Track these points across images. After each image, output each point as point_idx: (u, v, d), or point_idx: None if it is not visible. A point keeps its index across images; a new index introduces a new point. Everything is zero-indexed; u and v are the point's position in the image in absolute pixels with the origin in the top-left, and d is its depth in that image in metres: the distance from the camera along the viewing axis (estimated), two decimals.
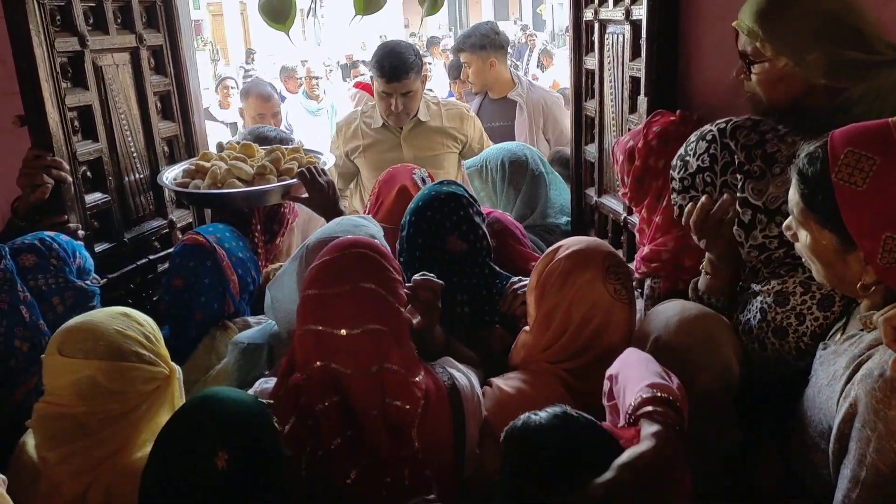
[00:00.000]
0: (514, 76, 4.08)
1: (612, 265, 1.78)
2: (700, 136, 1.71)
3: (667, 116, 2.01)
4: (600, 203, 2.66)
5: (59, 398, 1.54)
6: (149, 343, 1.60)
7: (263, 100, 4.20)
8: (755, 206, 1.61)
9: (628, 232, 2.44)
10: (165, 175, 2.65)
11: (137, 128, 2.68)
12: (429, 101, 3.47)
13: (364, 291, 1.55)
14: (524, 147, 2.82)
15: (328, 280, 1.56)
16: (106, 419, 1.53)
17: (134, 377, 1.55)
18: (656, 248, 1.97)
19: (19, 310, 1.88)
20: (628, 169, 2.02)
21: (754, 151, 1.62)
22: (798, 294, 1.59)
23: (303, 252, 1.89)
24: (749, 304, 1.69)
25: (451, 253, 2.07)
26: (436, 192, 2.14)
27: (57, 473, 1.51)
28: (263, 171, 2.52)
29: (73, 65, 2.37)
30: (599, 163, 2.65)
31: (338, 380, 1.51)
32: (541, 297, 1.80)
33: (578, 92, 2.76)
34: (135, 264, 2.60)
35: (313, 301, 1.56)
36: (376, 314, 1.55)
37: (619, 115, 2.42)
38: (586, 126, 2.76)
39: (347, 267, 1.57)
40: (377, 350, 1.53)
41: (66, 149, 2.30)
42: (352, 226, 1.96)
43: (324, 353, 1.52)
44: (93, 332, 1.55)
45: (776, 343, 1.60)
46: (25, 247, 1.98)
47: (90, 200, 2.44)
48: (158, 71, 2.80)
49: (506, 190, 2.63)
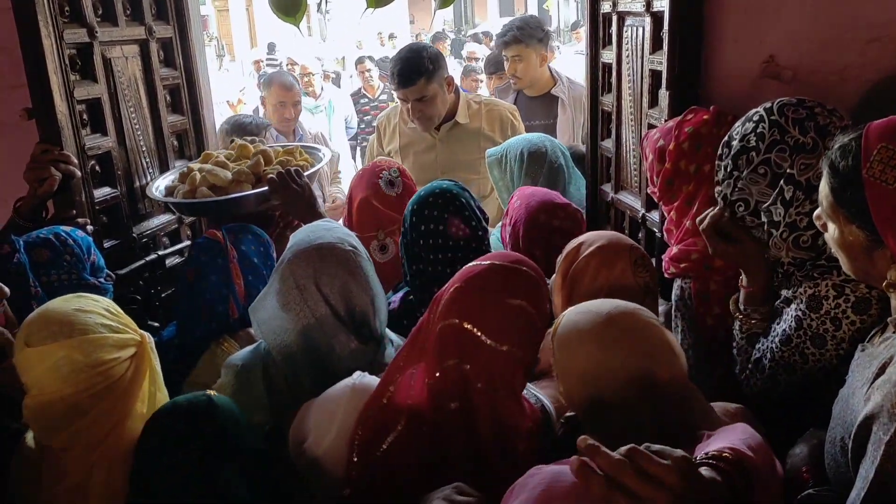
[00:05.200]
0: (553, 72, 3.97)
1: (639, 258, 1.75)
2: (746, 118, 1.66)
3: (700, 115, 1.93)
4: (617, 199, 2.61)
5: (42, 388, 1.51)
6: (111, 314, 1.58)
7: (286, 89, 4.18)
8: (798, 181, 1.55)
9: (646, 229, 2.40)
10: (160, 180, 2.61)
11: (146, 121, 2.64)
12: (470, 101, 3.37)
13: (520, 310, 1.46)
14: (546, 139, 2.74)
15: (491, 283, 1.48)
16: (95, 395, 1.51)
17: (108, 346, 1.53)
18: (686, 247, 1.91)
19: (30, 305, 1.85)
20: (658, 169, 1.96)
21: (807, 124, 1.56)
22: (831, 298, 1.54)
23: (281, 267, 1.79)
24: (783, 314, 1.65)
25: (454, 238, 2.05)
26: (437, 184, 2.17)
27: (62, 459, 1.50)
28: (239, 177, 2.47)
29: (81, 57, 2.34)
30: (616, 158, 2.60)
31: (466, 386, 1.43)
32: (569, 296, 1.75)
33: (595, 86, 2.71)
34: (144, 260, 2.57)
35: (469, 297, 1.47)
36: (522, 338, 1.47)
37: (637, 109, 2.37)
38: (602, 121, 2.71)
39: (515, 280, 1.49)
40: (510, 375, 1.46)
41: (74, 142, 2.26)
42: (324, 229, 1.88)
43: (461, 354, 1.44)
44: (53, 317, 1.53)
45: (816, 353, 1.55)
46: (40, 241, 1.96)
47: (99, 195, 2.40)
48: (168, 63, 2.77)
49: (522, 180, 2.58)
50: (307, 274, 1.73)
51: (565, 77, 3.99)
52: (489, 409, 1.43)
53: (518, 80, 3.93)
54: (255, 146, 2.68)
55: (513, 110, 3.43)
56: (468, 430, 1.42)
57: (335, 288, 1.73)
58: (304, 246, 1.78)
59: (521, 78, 3.90)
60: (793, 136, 1.56)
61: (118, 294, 2.16)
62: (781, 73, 1.99)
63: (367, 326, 1.78)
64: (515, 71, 3.90)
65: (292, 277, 1.73)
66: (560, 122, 3.84)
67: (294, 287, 1.73)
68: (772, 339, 1.65)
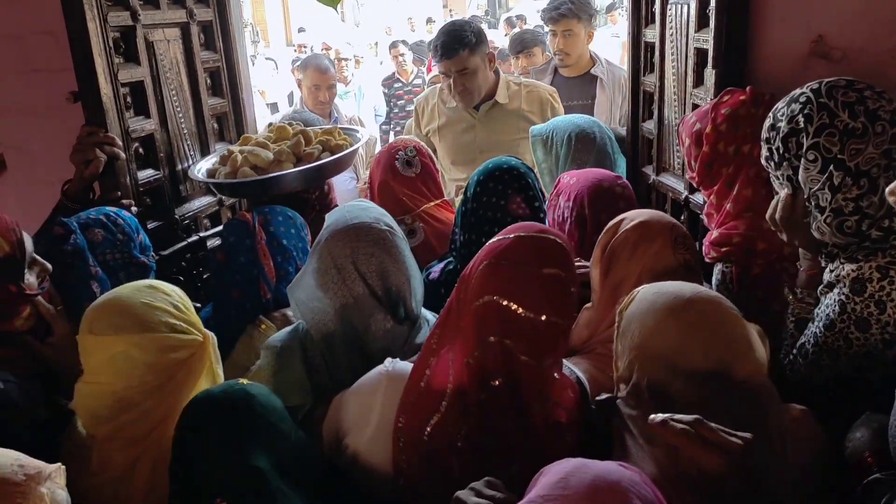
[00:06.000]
0: (592, 53, 3.88)
1: (680, 236, 1.72)
2: (791, 99, 1.61)
3: (736, 96, 1.90)
4: (658, 182, 2.58)
5: (96, 376, 1.54)
6: (178, 312, 1.58)
7: (321, 72, 4.18)
8: (848, 167, 1.51)
9: (689, 211, 2.36)
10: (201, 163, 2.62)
11: (188, 104, 2.66)
12: (510, 82, 3.35)
13: (554, 278, 1.44)
14: (595, 123, 2.69)
15: (521, 256, 1.46)
16: (145, 391, 1.52)
17: (167, 347, 1.54)
18: (727, 231, 1.88)
19: (90, 284, 1.89)
20: (696, 154, 1.93)
21: (856, 108, 1.51)
22: (875, 280, 1.50)
23: (319, 246, 1.79)
24: (826, 298, 1.61)
25: (513, 215, 2.05)
26: (504, 161, 2.17)
27: (106, 449, 1.52)
28: (280, 157, 2.47)
29: (125, 40, 2.36)
30: (658, 140, 2.56)
31: (511, 362, 1.42)
32: (607, 269, 1.74)
33: (636, 66, 2.67)
34: (185, 241, 2.60)
35: (502, 272, 1.45)
36: (559, 306, 1.45)
37: (681, 89, 2.32)
38: (644, 102, 2.67)
39: (544, 249, 1.47)
40: (552, 344, 1.45)
41: (118, 125, 2.29)
42: (359, 209, 1.87)
43: (502, 330, 1.42)
44: (120, 307, 1.54)
45: (860, 337, 1.52)
46: (92, 222, 1.99)
47: (142, 177, 2.43)
48: (208, 47, 2.78)
49: (568, 165, 2.55)
50: (345, 253, 1.73)
51: (604, 58, 3.91)
52: (535, 381, 1.42)
53: (566, 55, 3.80)
54: (294, 127, 2.68)
55: (552, 92, 3.40)
56: (515, 405, 1.41)
57: (372, 267, 1.73)
58: (341, 226, 1.78)
59: (570, 54, 3.79)
60: (842, 119, 1.52)
61: (161, 275, 2.19)
62: (830, 53, 1.94)
63: (404, 306, 1.78)
64: (564, 46, 3.78)
65: (330, 257, 1.74)
66: (598, 103, 3.77)
67: (332, 266, 1.73)
68: (816, 323, 1.62)
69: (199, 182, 2.56)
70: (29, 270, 1.74)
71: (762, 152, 1.68)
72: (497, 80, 3.30)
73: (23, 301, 1.73)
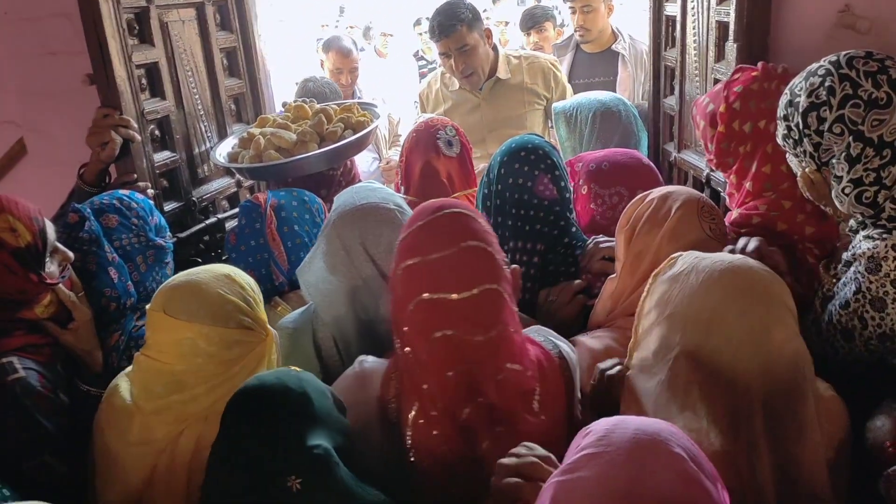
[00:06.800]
0: (614, 28, 3.79)
1: (706, 206, 1.71)
2: (809, 73, 1.56)
3: (748, 73, 1.85)
4: (680, 159, 2.52)
5: (159, 354, 1.55)
6: (249, 308, 1.59)
7: (343, 55, 4.17)
8: (869, 138, 1.46)
9: (711, 189, 2.31)
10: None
11: (204, 85, 2.66)
12: (509, 56, 3.33)
13: (471, 251, 1.42)
14: (619, 101, 2.61)
15: (429, 244, 1.43)
16: (201, 377, 1.54)
17: (233, 342, 1.55)
18: (747, 211, 1.84)
19: (107, 271, 1.90)
20: (711, 135, 1.88)
21: (879, 77, 1.46)
22: (891, 259, 1.46)
23: (327, 229, 1.77)
24: (843, 276, 1.57)
25: (540, 197, 1.98)
26: (528, 140, 2.07)
27: (152, 421, 1.54)
28: (304, 137, 2.45)
29: (139, 21, 2.35)
30: (679, 116, 2.50)
31: (460, 348, 1.40)
32: (631, 237, 1.72)
33: (658, 41, 2.61)
34: (203, 223, 2.60)
35: (418, 269, 1.43)
36: (488, 273, 1.42)
37: (703, 64, 2.26)
38: (666, 77, 2.62)
39: (446, 228, 1.44)
40: (494, 311, 1.42)
41: (133, 107, 2.28)
42: (367, 190, 1.84)
43: (441, 322, 1.40)
44: (197, 294, 1.55)
45: (876, 317, 1.48)
46: (105, 207, 1.98)
47: (158, 159, 2.43)
48: (224, 27, 2.77)
49: (593, 143, 2.49)
50: (353, 235, 1.72)
51: (627, 34, 3.82)
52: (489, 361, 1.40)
53: (586, 31, 3.72)
54: (311, 105, 2.67)
55: (553, 61, 3.39)
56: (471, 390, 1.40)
57: (381, 247, 1.70)
58: (349, 207, 1.76)
59: (590, 29, 3.71)
60: (866, 89, 1.47)
61: (179, 257, 2.19)
62: (857, 24, 1.87)
63: None
64: (584, 22, 3.69)
65: (339, 239, 1.72)
66: (620, 80, 3.70)
67: (341, 248, 1.72)
68: (833, 302, 1.58)
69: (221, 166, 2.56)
70: (50, 259, 1.74)
71: (779, 130, 1.62)
72: (497, 57, 3.27)
73: (44, 289, 1.74)
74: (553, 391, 1.46)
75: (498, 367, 1.40)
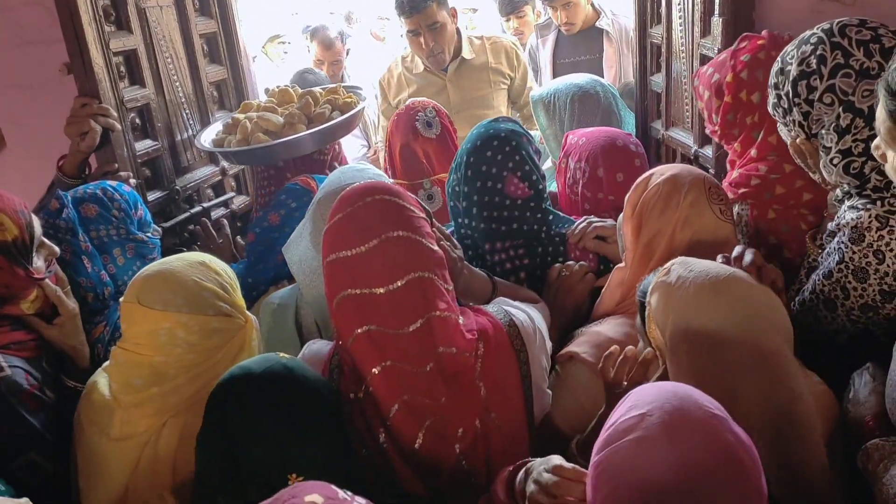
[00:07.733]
0: (595, 5, 3.77)
1: (713, 186, 1.67)
2: (801, 41, 1.54)
3: (754, 41, 1.82)
4: (668, 136, 2.50)
5: (136, 346, 1.53)
6: (225, 294, 1.57)
7: (325, 47, 4.16)
8: (859, 109, 1.45)
9: (699, 166, 2.29)
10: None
11: (185, 72, 2.62)
12: (472, 38, 3.36)
13: (394, 241, 1.41)
14: (596, 82, 2.59)
15: (352, 238, 1.43)
16: (181, 367, 1.52)
17: (212, 330, 1.53)
18: (746, 171, 1.82)
19: (81, 260, 1.88)
20: (717, 106, 1.85)
21: (871, 46, 1.44)
22: (874, 229, 1.44)
23: (313, 209, 1.78)
24: (828, 246, 1.56)
25: (512, 198, 1.92)
26: (494, 131, 1.97)
27: (132, 415, 1.52)
28: (292, 119, 2.43)
29: (115, 7, 2.31)
30: (667, 93, 2.48)
31: (384, 343, 1.40)
32: (639, 226, 1.68)
33: (643, 18, 2.58)
34: (188, 213, 2.57)
35: (342, 264, 1.43)
36: (414, 261, 1.42)
37: (689, 40, 2.24)
38: (652, 54, 2.59)
39: (368, 219, 1.43)
40: (423, 299, 1.41)
41: (112, 95, 2.25)
42: (355, 171, 1.84)
43: (366, 318, 1.41)
44: (171, 282, 1.53)
45: (858, 288, 1.47)
46: (87, 196, 1.96)
47: (140, 148, 2.40)
48: (203, 13, 2.73)
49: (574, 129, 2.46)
50: None
51: (608, 9, 3.79)
52: (413, 353, 1.41)
53: (571, 25, 3.70)
54: (294, 89, 2.64)
55: (514, 41, 3.46)
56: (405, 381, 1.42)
57: None
58: (335, 187, 1.76)
59: (575, 23, 3.70)
60: (858, 59, 1.45)
61: (164, 247, 2.16)
62: None
63: None
64: (568, 17, 3.67)
65: (322, 219, 1.70)
66: (606, 57, 3.68)
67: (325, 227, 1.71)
68: (817, 272, 1.57)
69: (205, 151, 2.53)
70: (37, 254, 1.71)
71: (769, 99, 1.61)
72: (460, 39, 3.29)
73: (30, 284, 1.71)
74: (497, 359, 1.47)
75: (428, 356, 1.40)
